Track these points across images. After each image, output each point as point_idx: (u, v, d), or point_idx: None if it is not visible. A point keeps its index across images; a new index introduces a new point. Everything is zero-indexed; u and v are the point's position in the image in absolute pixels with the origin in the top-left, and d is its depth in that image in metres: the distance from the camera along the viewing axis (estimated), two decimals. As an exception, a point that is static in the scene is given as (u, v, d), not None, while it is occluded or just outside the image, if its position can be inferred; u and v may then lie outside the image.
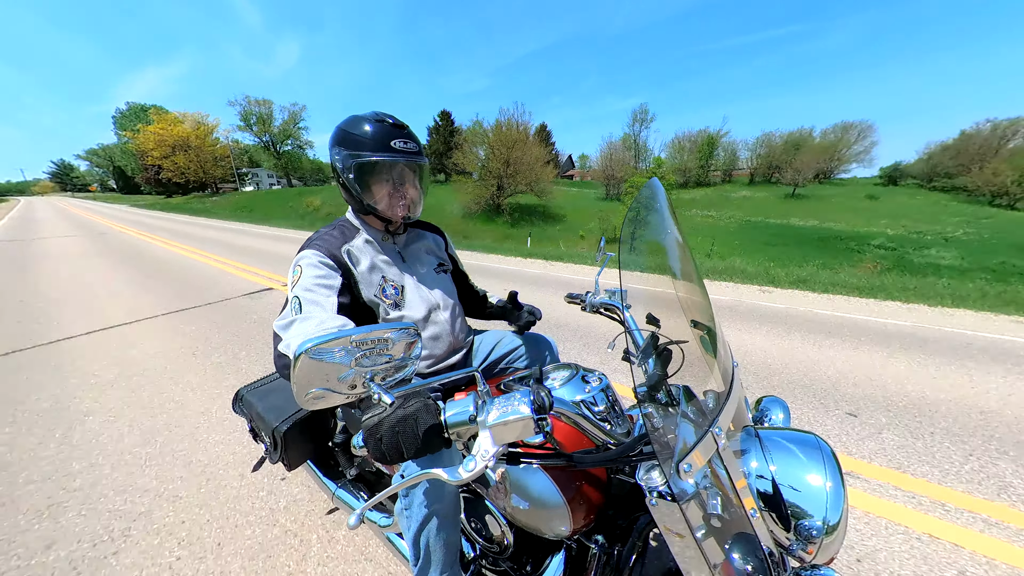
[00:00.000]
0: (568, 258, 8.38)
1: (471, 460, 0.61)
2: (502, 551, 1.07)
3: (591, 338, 3.74)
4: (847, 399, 2.67)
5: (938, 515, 1.74)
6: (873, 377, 2.97)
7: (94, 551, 1.64)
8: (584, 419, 0.74)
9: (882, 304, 4.84)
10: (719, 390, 0.73)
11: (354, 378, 0.64)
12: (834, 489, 0.66)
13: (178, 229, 16.01)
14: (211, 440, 2.34)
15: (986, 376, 2.97)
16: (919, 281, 5.91)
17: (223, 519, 1.79)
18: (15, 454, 2.23)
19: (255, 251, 9.74)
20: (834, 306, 4.77)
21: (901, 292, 5.19)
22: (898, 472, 1.99)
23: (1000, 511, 1.75)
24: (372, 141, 1.10)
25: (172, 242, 11.52)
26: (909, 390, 2.78)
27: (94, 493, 1.95)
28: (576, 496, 0.85)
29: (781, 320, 4.25)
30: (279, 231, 15.29)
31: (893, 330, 3.93)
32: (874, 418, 2.45)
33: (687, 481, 0.60)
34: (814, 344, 3.59)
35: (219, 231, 15.16)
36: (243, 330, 4.11)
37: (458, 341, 1.33)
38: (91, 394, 2.89)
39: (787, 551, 0.67)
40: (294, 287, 1.03)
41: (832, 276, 6.26)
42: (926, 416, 2.47)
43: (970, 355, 3.33)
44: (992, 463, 2.05)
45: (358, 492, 1.51)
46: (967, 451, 2.15)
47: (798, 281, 5.82)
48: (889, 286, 5.46)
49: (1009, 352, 3.39)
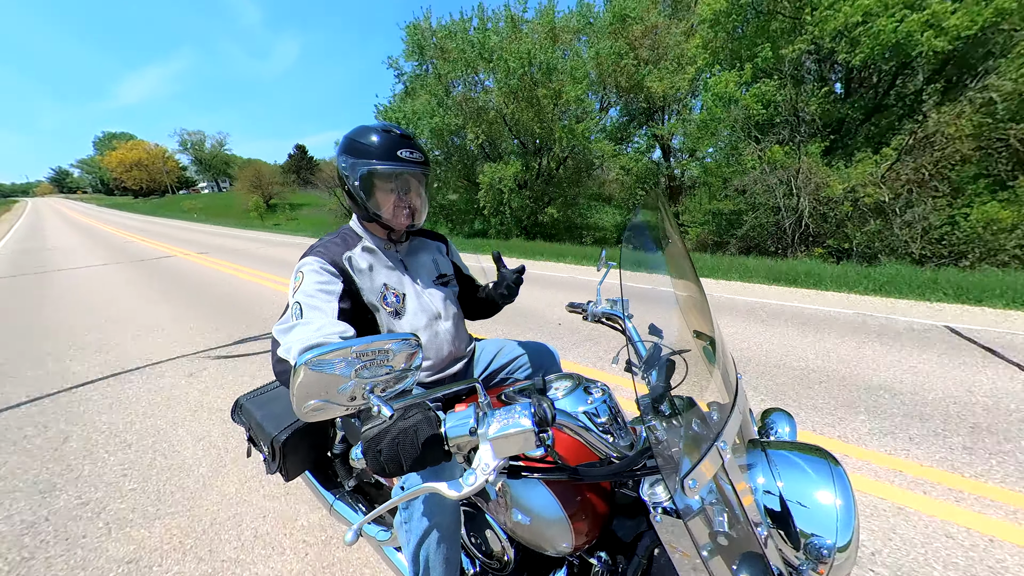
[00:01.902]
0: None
1: (471, 474, 0.59)
2: (502, 567, 1.04)
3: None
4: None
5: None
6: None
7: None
8: (586, 431, 0.73)
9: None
10: (723, 402, 0.72)
11: (354, 390, 0.64)
12: (844, 507, 0.64)
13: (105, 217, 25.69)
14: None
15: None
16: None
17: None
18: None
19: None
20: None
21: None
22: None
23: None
24: (379, 150, 1.11)
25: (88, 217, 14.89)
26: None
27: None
28: (578, 511, 0.83)
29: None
30: (158, 219, 28.36)
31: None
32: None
33: (692, 497, 0.58)
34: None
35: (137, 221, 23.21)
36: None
37: (459, 350, 1.32)
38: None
39: (797, 571, 0.65)
40: (295, 293, 1.04)
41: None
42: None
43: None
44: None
45: (356, 504, 1.48)
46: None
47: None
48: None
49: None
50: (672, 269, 0.84)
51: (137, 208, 45.79)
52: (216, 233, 17.91)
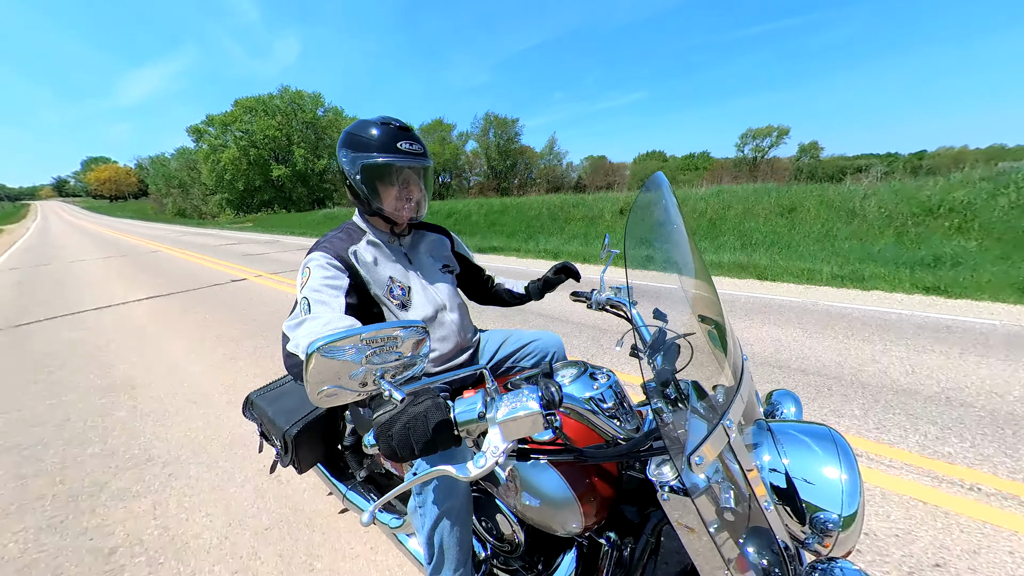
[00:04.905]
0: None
1: (481, 456, 0.61)
2: (513, 550, 1.06)
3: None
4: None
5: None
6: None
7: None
8: (593, 415, 0.74)
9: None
10: (728, 384, 0.72)
11: (365, 375, 0.65)
12: (849, 481, 0.65)
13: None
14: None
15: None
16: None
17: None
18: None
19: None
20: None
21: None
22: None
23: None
24: (379, 143, 1.11)
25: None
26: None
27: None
28: (587, 492, 0.85)
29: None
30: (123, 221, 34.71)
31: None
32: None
33: (698, 475, 0.60)
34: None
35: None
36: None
37: (465, 340, 1.34)
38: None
39: (803, 545, 0.67)
40: (303, 288, 1.05)
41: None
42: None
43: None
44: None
45: (368, 494, 1.51)
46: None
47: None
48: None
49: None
50: (676, 254, 0.84)
51: (100, 209, 67.74)
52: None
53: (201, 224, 29.08)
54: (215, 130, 34.60)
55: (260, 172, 34.10)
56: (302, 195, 36.36)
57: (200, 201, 37.92)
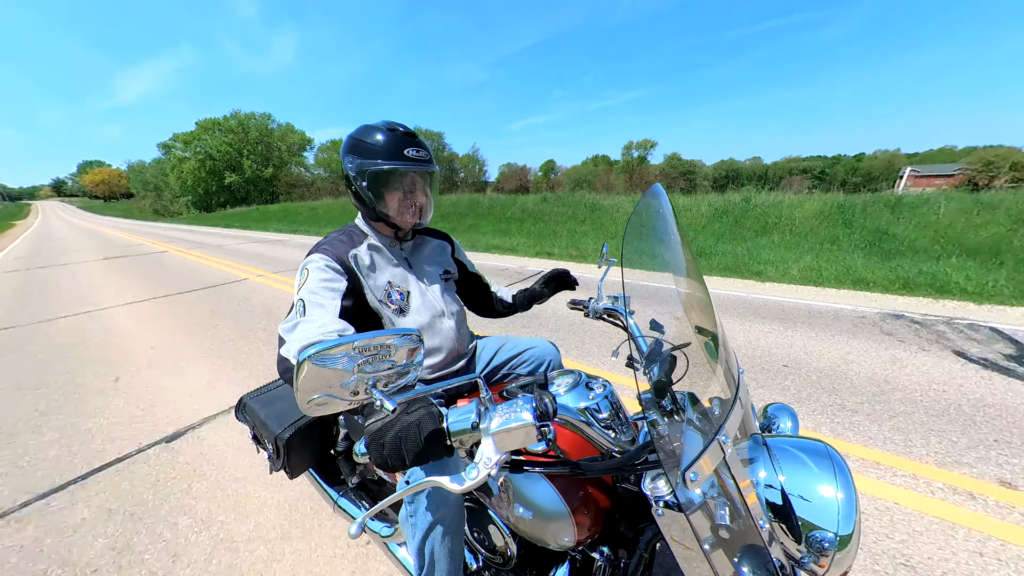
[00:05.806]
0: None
1: (474, 468, 0.60)
2: (505, 562, 1.05)
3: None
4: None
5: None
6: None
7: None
8: (588, 426, 0.73)
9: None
10: (725, 397, 0.72)
11: (356, 384, 0.64)
12: (846, 500, 0.64)
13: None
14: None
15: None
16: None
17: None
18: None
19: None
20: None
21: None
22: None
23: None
24: (385, 150, 1.11)
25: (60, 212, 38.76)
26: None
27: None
28: (580, 506, 0.83)
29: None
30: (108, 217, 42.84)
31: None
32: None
33: (694, 491, 0.59)
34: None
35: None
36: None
37: (461, 347, 1.33)
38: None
39: (798, 564, 0.65)
40: (300, 289, 1.04)
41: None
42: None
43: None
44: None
45: (360, 501, 1.49)
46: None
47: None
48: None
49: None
50: (674, 264, 0.83)
51: (92, 208, 78.85)
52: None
53: (170, 220, 38.58)
54: (180, 145, 46.24)
55: (216, 179, 46.15)
56: (253, 197, 47.05)
57: (169, 202, 50.80)
